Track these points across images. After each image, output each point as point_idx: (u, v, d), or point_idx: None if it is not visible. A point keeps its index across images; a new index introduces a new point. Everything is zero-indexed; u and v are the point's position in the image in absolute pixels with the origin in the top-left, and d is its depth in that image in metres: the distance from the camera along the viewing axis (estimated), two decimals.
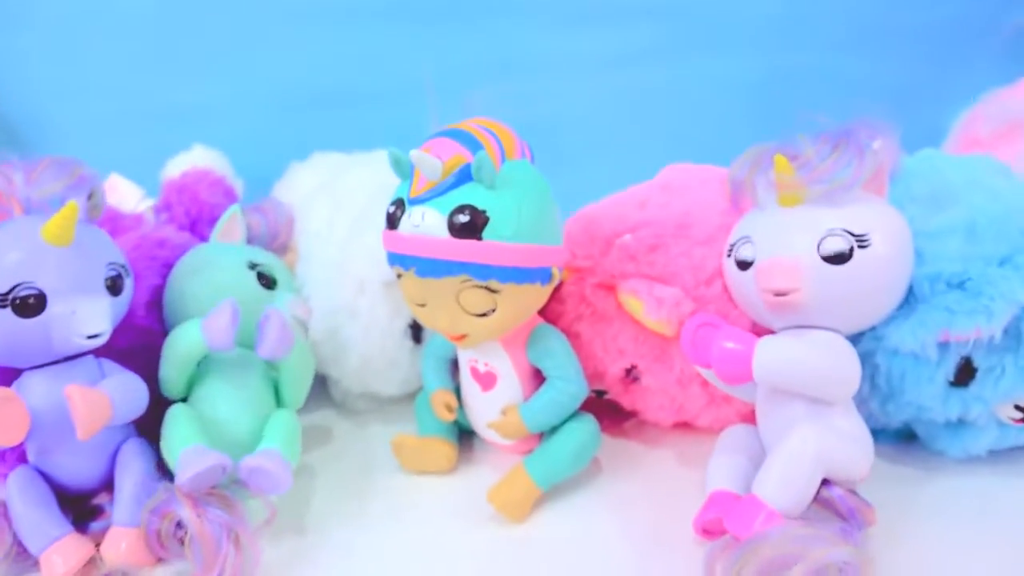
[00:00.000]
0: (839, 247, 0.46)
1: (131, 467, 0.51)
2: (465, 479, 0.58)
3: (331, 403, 0.70)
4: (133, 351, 0.58)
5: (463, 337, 0.52)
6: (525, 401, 0.55)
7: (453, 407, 0.58)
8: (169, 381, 0.55)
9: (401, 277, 0.51)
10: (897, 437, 0.58)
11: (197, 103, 0.99)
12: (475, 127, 0.50)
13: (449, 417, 0.58)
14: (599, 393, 0.63)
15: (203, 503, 0.48)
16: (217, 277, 0.59)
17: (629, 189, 0.63)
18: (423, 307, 0.51)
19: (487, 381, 0.56)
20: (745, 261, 0.51)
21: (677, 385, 0.57)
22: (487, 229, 0.47)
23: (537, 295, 0.52)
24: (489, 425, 0.56)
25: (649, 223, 0.58)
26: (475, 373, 0.56)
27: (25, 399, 0.48)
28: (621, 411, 0.63)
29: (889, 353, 0.51)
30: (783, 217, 0.49)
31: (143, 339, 0.59)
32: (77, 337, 0.48)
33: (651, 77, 0.98)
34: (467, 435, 0.62)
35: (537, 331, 0.55)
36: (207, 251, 0.62)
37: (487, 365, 0.55)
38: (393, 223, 0.50)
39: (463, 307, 0.50)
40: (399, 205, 0.50)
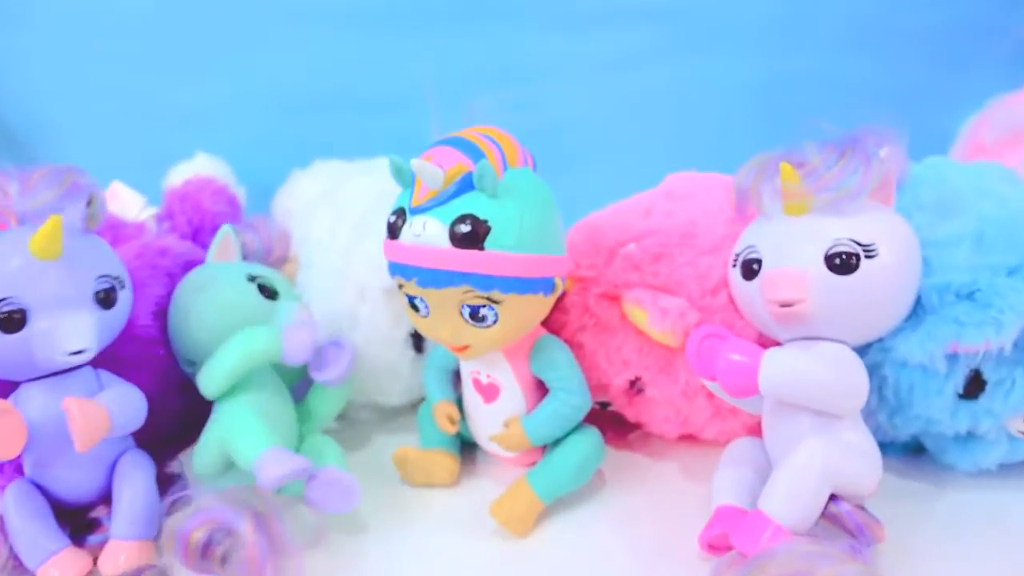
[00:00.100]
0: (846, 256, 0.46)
1: (129, 479, 0.51)
2: (467, 492, 0.58)
3: None
4: (135, 361, 0.57)
5: (465, 348, 0.51)
6: (528, 413, 0.55)
7: (455, 419, 0.57)
8: (219, 380, 0.54)
9: (402, 288, 0.51)
10: (905, 451, 0.57)
11: (199, 108, 0.99)
12: (477, 135, 0.50)
13: (451, 429, 0.57)
14: (603, 405, 0.62)
15: (269, 513, 0.47)
16: (220, 294, 0.59)
17: (633, 197, 0.63)
18: (425, 318, 0.51)
19: (489, 393, 0.55)
20: (751, 269, 0.50)
21: (682, 397, 0.56)
22: (489, 239, 0.47)
23: (540, 305, 0.51)
24: (491, 438, 0.55)
25: (653, 232, 0.57)
26: (477, 385, 0.56)
27: (22, 411, 0.48)
28: (625, 423, 0.62)
29: (897, 365, 0.50)
30: (789, 226, 0.49)
31: (145, 349, 0.59)
32: (59, 354, 0.47)
33: (653, 80, 0.98)
34: (470, 447, 0.61)
35: (540, 342, 0.54)
36: (206, 271, 0.62)
37: (489, 377, 0.55)
38: (394, 233, 0.49)
39: (465, 318, 0.49)
40: (400, 214, 0.49)
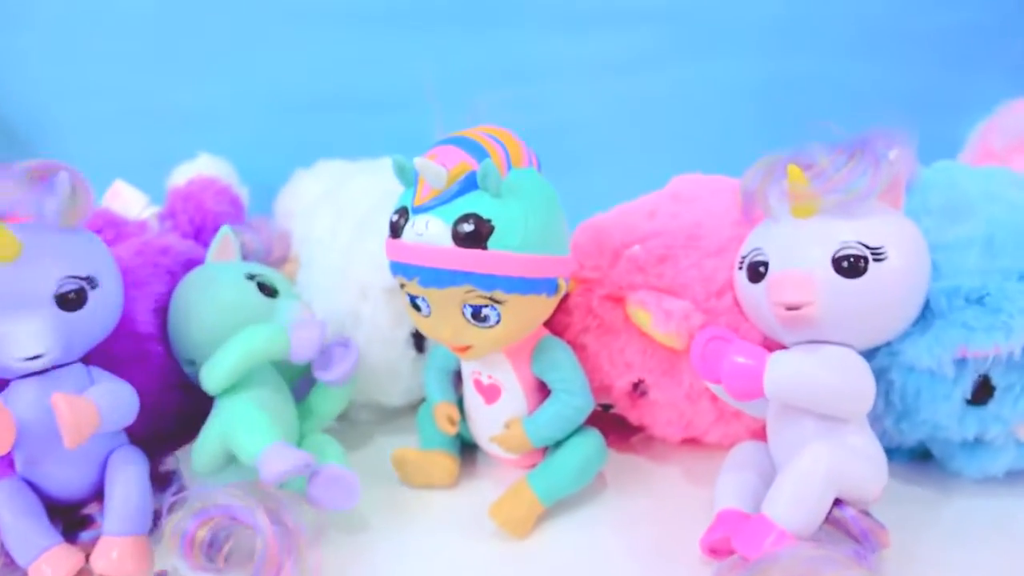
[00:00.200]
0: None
1: (122, 475, 0.50)
2: (467, 494, 0.57)
3: None
4: (132, 358, 0.57)
5: (466, 349, 0.51)
6: (529, 415, 0.54)
7: (456, 420, 0.57)
8: (223, 376, 0.54)
9: (404, 287, 0.50)
10: (911, 456, 0.56)
11: (202, 108, 0.99)
12: (481, 135, 0.49)
13: (451, 430, 0.57)
14: (605, 407, 0.61)
15: (279, 507, 0.47)
16: (219, 294, 0.59)
17: (638, 199, 0.62)
18: (426, 318, 0.50)
19: (491, 394, 0.55)
20: (758, 271, 0.49)
21: (686, 400, 0.55)
22: (492, 238, 0.46)
23: (543, 306, 0.51)
24: (492, 439, 0.55)
25: (659, 233, 0.57)
26: (478, 385, 0.55)
27: (12, 408, 0.47)
28: (628, 426, 0.61)
29: (904, 370, 0.50)
30: (796, 228, 0.48)
31: (143, 346, 0.58)
32: (13, 360, 0.47)
33: (657, 82, 0.98)
34: (470, 449, 0.61)
35: (542, 343, 0.54)
36: (205, 272, 0.62)
37: (491, 378, 0.54)
38: (396, 232, 0.49)
39: (467, 318, 0.49)
40: (402, 213, 0.49)
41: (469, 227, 0.46)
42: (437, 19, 0.97)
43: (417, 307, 0.50)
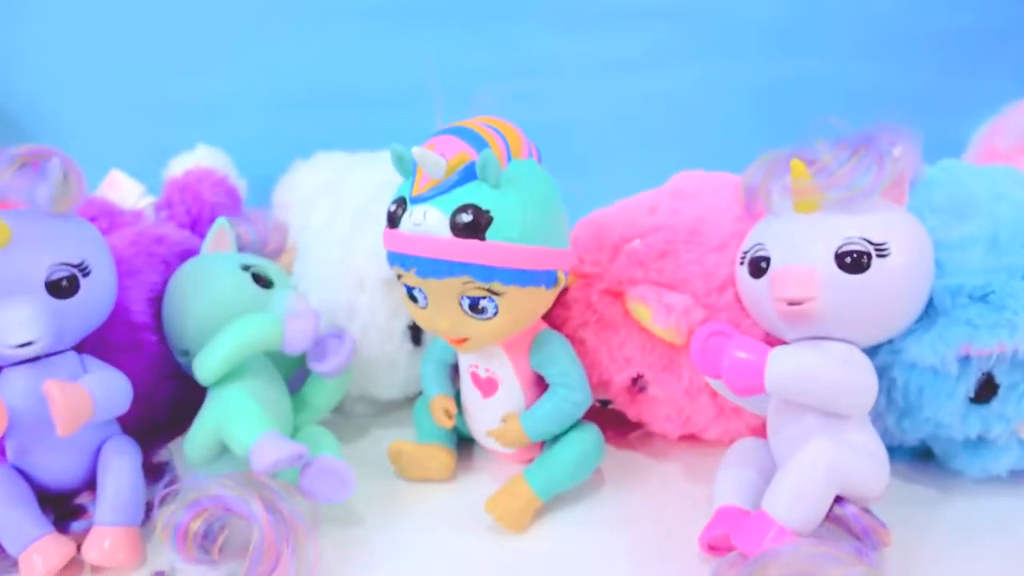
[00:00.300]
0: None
1: (114, 465, 0.50)
2: (463, 488, 0.57)
3: None
4: (126, 347, 0.57)
5: (464, 341, 0.50)
6: (527, 409, 0.54)
7: (452, 413, 0.56)
8: (216, 365, 0.53)
9: (401, 278, 0.50)
10: (913, 455, 0.56)
11: (201, 100, 0.99)
12: (481, 125, 0.49)
13: (448, 424, 0.56)
14: (604, 403, 0.61)
15: (274, 496, 0.46)
16: (214, 284, 0.58)
17: (639, 195, 0.62)
18: (423, 309, 0.50)
19: (488, 387, 0.54)
20: (759, 267, 0.49)
21: (685, 396, 0.55)
22: (491, 229, 0.46)
23: (541, 299, 0.50)
24: (489, 433, 0.54)
25: (659, 228, 0.56)
26: (476, 379, 0.55)
27: (3, 396, 0.47)
28: (626, 422, 0.61)
29: (907, 367, 0.49)
30: (799, 224, 0.48)
31: (137, 335, 0.58)
32: (4, 348, 0.46)
33: (660, 81, 0.97)
34: (466, 443, 0.60)
35: (541, 336, 0.53)
36: (199, 263, 0.61)
37: (488, 371, 0.54)
38: (394, 222, 0.48)
39: (464, 310, 0.48)
40: (400, 203, 0.48)
41: (467, 217, 0.45)
42: (439, 15, 0.96)
43: (414, 298, 0.50)
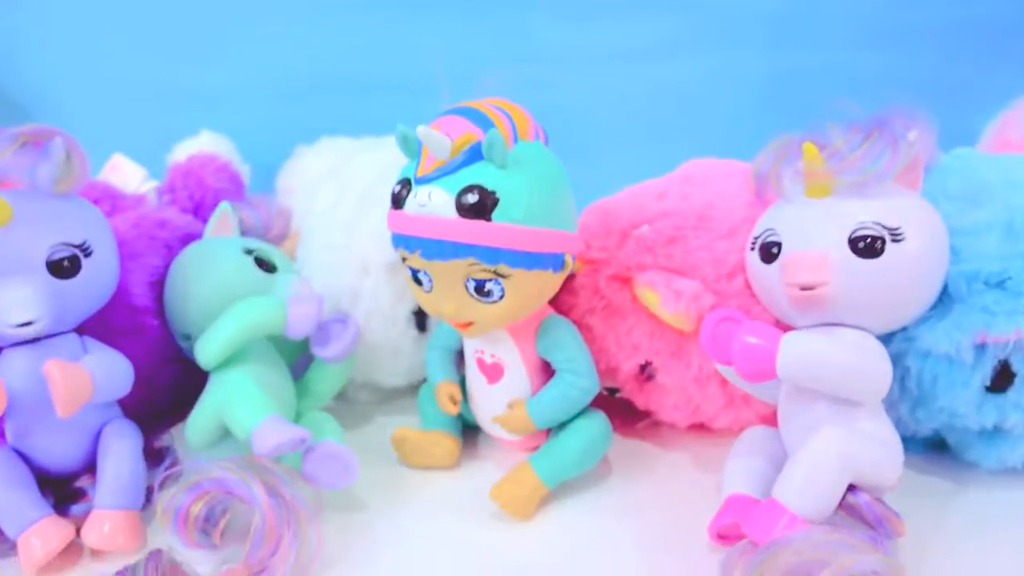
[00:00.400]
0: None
1: (114, 448, 0.49)
2: (468, 475, 0.56)
3: None
4: (127, 330, 0.56)
5: (469, 325, 0.49)
6: (533, 395, 0.53)
7: (457, 399, 0.55)
8: (218, 349, 0.52)
9: (406, 260, 0.49)
10: (926, 446, 0.55)
11: (205, 87, 0.99)
12: (487, 106, 0.48)
13: (453, 410, 0.55)
14: (611, 391, 0.60)
15: (276, 480, 0.45)
16: (217, 268, 0.58)
17: (647, 181, 0.61)
18: (428, 293, 0.49)
19: (493, 373, 0.53)
20: (771, 252, 0.48)
21: (694, 383, 0.54)
22: (497, 210, 0.45)
23: (548, 283, 0.49)
24: (494, 419, 0.53)
25: (668, 214, 0.55)
26: (481, 365, 0.54)
27: (3, 377, 0.46)
28: (634, 411, 0.60)
29: (921, 355, 0.48)
30: (811, 209, 0.47)
31: (139, 319, 0.57)
32: (4, 327, 0.46)
33: (666, 72, 0.97)
34: (471, 430, 0.59)
35: (547, 322, 0.53)
36: (202, 246, 0.61)
37: (494, 356, 0.53)
38: (398, 203, 0.47)
39: (470, 293, 0.47)
40: (405, 184, 0.47)
41: (473, 198, 0.44)
42: (446, 2, 0.95)
43: (419, 281, 0.49)
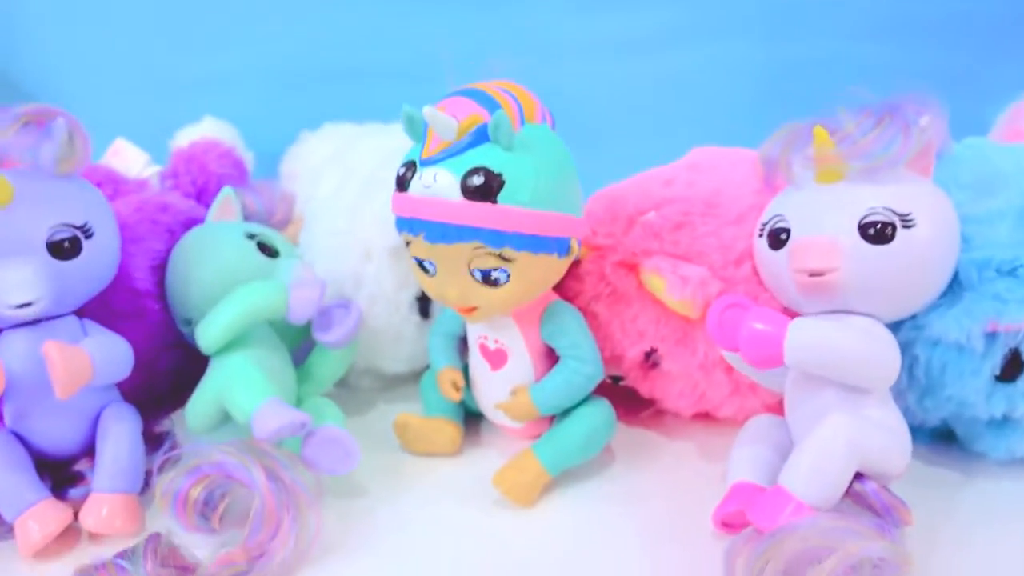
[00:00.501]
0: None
1: (113, 432, 0.49)
2: (470, 463, 0.55)
3: None
4: (128, 314, 0.56)
5: (473, 310, 0.49)
6: (536, 382, 0.52)
7: (460, 386, 0.55)
8: (219, 333, 0.52)
9: (410, 244, 0.48)
10: (934, 437, 0.54)
11: (209, 74, 0.98)
12: (494, 88, 0.47)
13: (455, 396, 0.55)
14: (615, 379, 0.59)
15: (276, 464, 0.45)
16: (219, 252, 0.57)
17: (654, 168, 0.60)
18: (432, 277, 0.48)
19: (497, 359, 0.53)
20: (779, 239, 0.47)
21: (700, 371, 0.53)
22: (502, 193, 0.44)
23: (553, 267, 0.49)
24: (497, 406, 0.53)
25: (675, 200, 0.55)
26: (484, 351, 0.53)
27: (2, 359, 0.46)
28: (638, 400, 0.59)
29: (930, 343, 0.48)
30: (820, 195, 0.46)
31: (140, 303, 0.57)
32: (3, 308, 0.45)
33: (670, 62, 0.96)
34: (474, 418, 0.59)
35: (552, 307, 0.52)
36: (204, 231, 0.60)
37: (498, 342, 0.52)
38: (403, 185, 0.47)
39: (471, 270, 0.47)
40: (410, 166, 0.47)
41: (479, 180, 0.44)
42: None
43: (424, 267, 0.49)
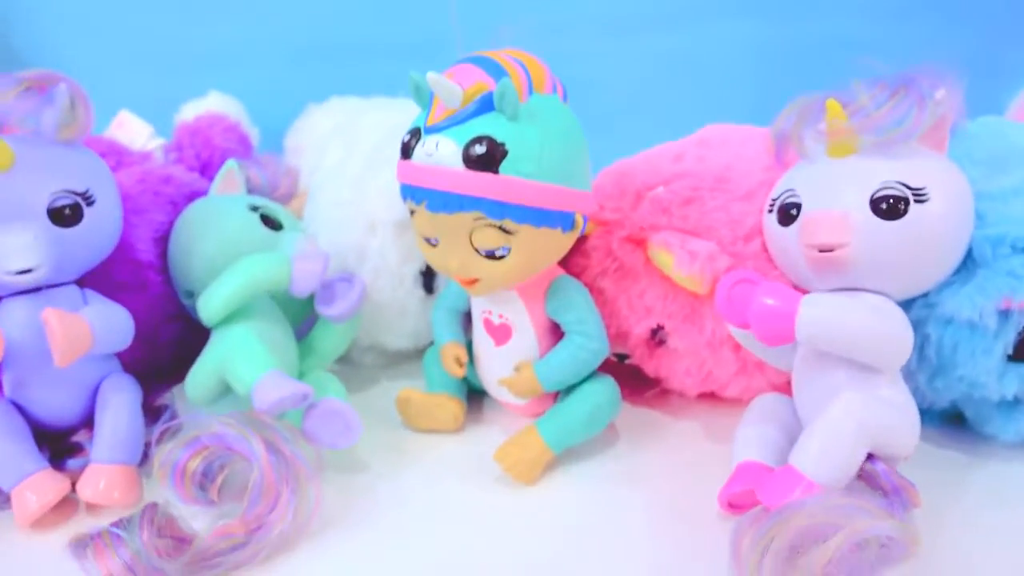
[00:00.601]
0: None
1: (113, 402, 0.48)
2: (473, 440, 0.55)
3: None
4: (130, 285, 0.56)
5: (474, 282, 0.48)
6: (541, 358, 0.52)
7: (463, 362, 0.54)
8: (221, 304, 0.52)
9: (414, 214, 0.48)
10: (943, 419, 0.53)
11: (215, 48, 0.98)
12: (503, 56, 0.46)
13: (459, 372, 0.54)
14: (620, 358, 0.59)
15: (276, 437, 0.45)
16: (222, 224, 0.57)
17: (664, 144, 0.59)
18: (434, 247, 0.48)
19: (501, 334, 0.52)
20: (789, 214, 0.46)
21: (707, 348, 0.52)
22: (505, 163, 0.43)
23: (557, 242, 0.48)
24: (501, 382, 0.52)
25: (685, 175, 0.54)
26: (488, 326, 0.53)
27: (2, 327, 0.45)
28: (643, 379, 0.58)
29: (942, 322, 0.47)
30: (832, 168, 0.45)
31: (142, 274, 0.57)
32: (3, 274, 0.45)
33: (681, 40, 0.94)
34: (477, 395, 0.58)
35: (558, 282, 0.51)
36: (207, 203, 0.60)
37: (502, 317, 0.52)
38: (407, 152, 0.46)
39: (475, 247, 0.46)
40: (415, 134, 0.46)
41: (481, 149, 0.43)
42: None
43: (428, 240, 0.48)
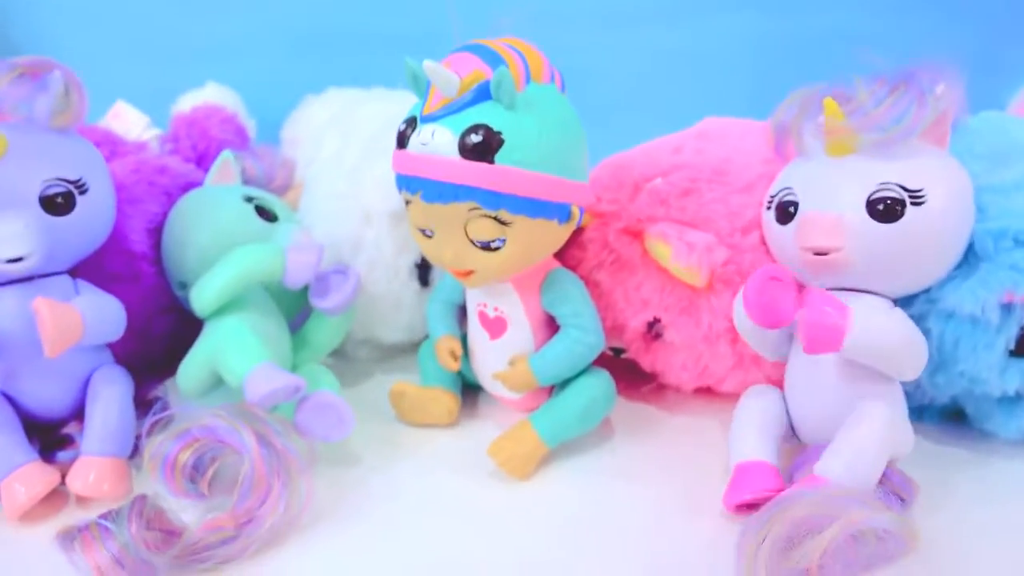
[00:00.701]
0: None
1: (104, 394, 0.48)
2: (467, 434, 0.54)
3: None
4: (123, 276, 0.55)
5: (469, 274, 0.48)
6: (536, 351, 0.51)
7: (458, 355, 0.54)
8: (214, 294, 0.51)
9: (409, 204, 0.47)
10: (943, 416, 0.53)
11: (213, 39, 0.97)
12: (500, 45, 0.46)
13: (453, 366, 0.54)
14: (616, 352, 0.58)
15: (267, 429, 0.44)
16: (216, 215, 0.56)
17: (662, 137, 0.59)
18: (429, 239, 0.47)
19: (496, 328, 0.52)
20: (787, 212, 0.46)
21: (703, 342, 0.52)
22: (501, 152, 0.43)
23: (553, 234, 0.47)
24: (496, 376, 0.52)
25: (683, 167, 0.53)
26: (483, 319, 0.52)
27: None
28: (639, 373, 0.58)
29: (943, 317, 0.46)
30: (830, 167, 0.45)
31: (135, 265, 0.56)
32: None
33: (680, 34, 0.94)
34: (471, 390, 0.58)
35: (553, 275, 0.51)
36: (202, 193, 0.59)
37: (497, 310, 0.51)
38: (403, 142, 0.46)
39: (470, 239, 0.45)
40: (411, 123, 0.46)
41: (476, 138, 0.43)
42: None
43: (424, 232, 0.48)
